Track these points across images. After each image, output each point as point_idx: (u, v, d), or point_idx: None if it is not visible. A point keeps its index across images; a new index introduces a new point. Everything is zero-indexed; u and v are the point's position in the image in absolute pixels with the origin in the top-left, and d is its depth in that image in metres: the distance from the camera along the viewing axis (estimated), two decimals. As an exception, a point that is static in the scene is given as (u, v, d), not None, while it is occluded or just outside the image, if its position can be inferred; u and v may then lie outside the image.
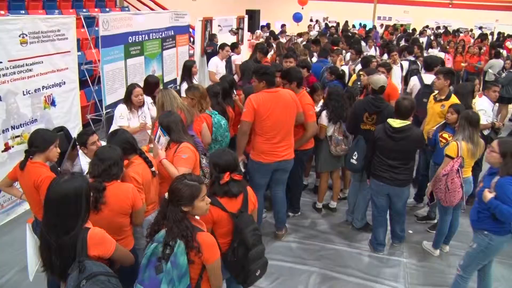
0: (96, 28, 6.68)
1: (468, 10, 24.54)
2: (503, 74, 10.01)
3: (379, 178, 4.54)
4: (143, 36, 7.78)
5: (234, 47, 9.14)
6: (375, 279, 4.48)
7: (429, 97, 5.81)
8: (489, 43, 15.08)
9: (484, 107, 5.67)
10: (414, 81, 6.95)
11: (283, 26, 16.26)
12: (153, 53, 8.17)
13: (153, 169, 3.48)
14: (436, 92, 5.68)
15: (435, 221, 5.38)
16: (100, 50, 6.63)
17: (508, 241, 3.63)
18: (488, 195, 3.46)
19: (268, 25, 16.23)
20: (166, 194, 2.52)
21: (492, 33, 20.76)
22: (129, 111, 4.93)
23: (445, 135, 4.88)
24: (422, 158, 5.90)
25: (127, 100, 4.95)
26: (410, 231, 5.36)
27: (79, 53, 7.33)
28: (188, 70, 6.58)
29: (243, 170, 4.75)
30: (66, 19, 5.99)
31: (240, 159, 4.65)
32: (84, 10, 10.52)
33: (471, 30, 21.53)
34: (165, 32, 8.60)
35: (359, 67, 8.12)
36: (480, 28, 22.82)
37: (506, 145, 3.47)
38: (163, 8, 13.57)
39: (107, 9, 11.74)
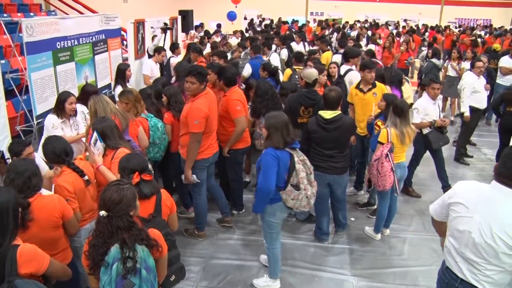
0: (20, 34, 6.34)
1: (394, 4, 25.79)
2: (425, 64, 10.55)
3: (318, 168, 4.63)
4: (73, 41, 7.46)
5: (175, 47, 8.98)
6: (321, 268, 4.60)
7: (339, 87, 6.02)
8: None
9: (418, 105, 5.83)
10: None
11: (219, 25, 16.24)
12: (84, 59, 7.87)
13: (86, 178, 3.39)
14: (357, 83, 5.89)
15: (375, 206, 5.59)
16: (26, 57, 6.30)
17: (281, 209, 3.93)
18: None
19: (202, 25, 16.15)
20: (103, 212, 2.38)
21: (417, 25, 21.89)
22: (61, 120, 4.73)
23: (379, 122, 5.11)
24: (357, 145, 6.08)
25: (59, 109, 4.74)
26: (352, 218, 5.55)
27: (3, 61, 6.94)
28: (122, 74, 6.41)
29: (197, 180, 4.70)
30: (-16, 26, 5.64)
31: (190, 173, 4.61)
32: (5, 15, 9.94)
33: (398, 23, 22.56)
34: (96, 36, 8.29)
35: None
36: (405, 20, 23.98)
37: (269, 120, 3.81)
38: (93, 12, 13.13)
39: (31, 14, 11.17)
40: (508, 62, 9.66)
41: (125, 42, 10.57)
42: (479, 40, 14.94)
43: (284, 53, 9.61)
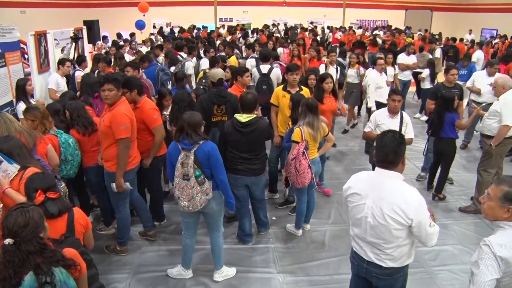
0: None
1: (300, 7, 26.88)
2: None
3: (235, 171, 4.74)
4: (-36, 56, 6.93)
5: (82, 60, 8.53)
6: (248, 269, 4.67)
7: (268, 84, 6.73)
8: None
9: (372, 115, 5.76)
10: (254, 72, 7.31)
11: (132, 35, 15.91)
12: (-21, 75, 7.32)
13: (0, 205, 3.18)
14: (283, 85, 6.06)
15: (294, 204, 5.77)
16: None
17: None
18: None
19: (109, 36, 15.72)
20: (9, 240, 2.22)
21: (322, 27, 22.96)
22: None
23: (289, 122, 5.31)
24: (272, 150, 6.19)
25: None
26: (274, 218, 5.69)
27: None
28: (21, 89, 6.05)
29: (131, 187, 4.59)
30: None
31: (123, 181, 4.46)
32: None
33: (302, 27, 23.48)
34: (-9, 50, 7.75)
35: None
36: (311, 23, 25.04)
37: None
38: (-14, 24, 12.22)
39: None
40: (404, 59, 10.53)
41: (26, 56, 9.96)
42: (379, 40, 16.02)
43: (205, 62, 9.30)
